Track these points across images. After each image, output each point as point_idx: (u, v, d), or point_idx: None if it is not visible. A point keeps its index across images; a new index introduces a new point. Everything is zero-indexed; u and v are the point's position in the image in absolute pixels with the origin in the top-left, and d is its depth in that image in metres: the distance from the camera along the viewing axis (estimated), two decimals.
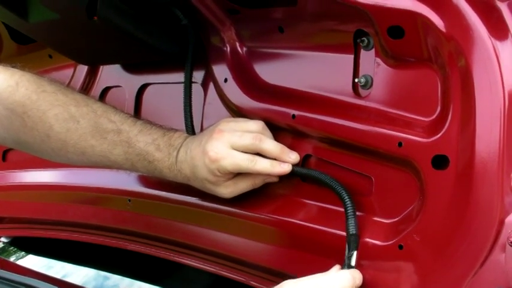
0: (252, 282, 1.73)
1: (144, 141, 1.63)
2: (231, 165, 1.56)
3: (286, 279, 1.60)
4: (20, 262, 3.12)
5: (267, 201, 1.65)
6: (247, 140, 1.56)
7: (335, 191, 1.49)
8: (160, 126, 1.67)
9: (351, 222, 1.44)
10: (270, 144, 1.57)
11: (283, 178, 1.60)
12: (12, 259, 3.50)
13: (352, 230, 1.44)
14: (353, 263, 1.44)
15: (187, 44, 1.78)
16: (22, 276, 2.30)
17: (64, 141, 1.63)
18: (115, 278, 2.93)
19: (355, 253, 1.44)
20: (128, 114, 1.68)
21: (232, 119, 1.67)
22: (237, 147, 1.56)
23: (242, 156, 1.56)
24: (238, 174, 1.60)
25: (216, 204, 1.72)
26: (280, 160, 1.56)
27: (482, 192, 1.24)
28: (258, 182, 1.61)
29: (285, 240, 1.62)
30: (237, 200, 1.65)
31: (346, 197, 1.46)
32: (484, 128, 1.24)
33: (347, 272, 1.40)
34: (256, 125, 1.60)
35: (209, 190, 1.63)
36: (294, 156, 1.56)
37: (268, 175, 1.59)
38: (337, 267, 1.44)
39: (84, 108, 1.63)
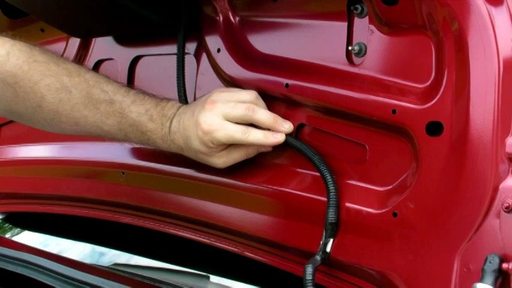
0: (246, 253, 1.72)
1: (137, 111, 1.62)
2: (224, 136, 1.55)
3: (281, 249, 1.61)
4: (16, 239, 3.12)
5: (260, 171, 1.65)
6: (240, 111, 1.55)
7: (322, 175, 1.49)
8: (154, 96, 1.66)
9: (332, 210, 1.46)
10: (263, 115, 1.56)
11: (277, 148, 1.59)
12: (7, 236, 3.50)
13: (332, 218, 1.46)
14: (328, 249, 1.46)
15: (180, 15, 1.77)
16: (18, 252, 2.29)
17: (56, 111, 1.61)
18: (111, 254, 2.93)
19: (331, 240, 1.46)
20: (121, 84, 1.66)
21: (225, 89, 1.66)
22: (230, 118, 1.55)
23: (235, 128, 1.55)
24: (231, 145, 1.59)
25: (211, 175, 1.72)
26: (274, 130, 1.56)
27: (476, 159, 1.24)
28: (251, 152, 1.61)
29: (279, 210, 1.62)
30: (231, 171, 1.65)
31: (331, 185, 1.47)
32: (479, 94, 1.23)
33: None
34: (249, 95, 1.59)
35: (202, 160, 1.63)
36: (287, 126, 1.56)
37: (262, 145, 1.58)
38: None
39: (76, 78, 1.62)
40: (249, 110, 1.56)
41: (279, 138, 1.55)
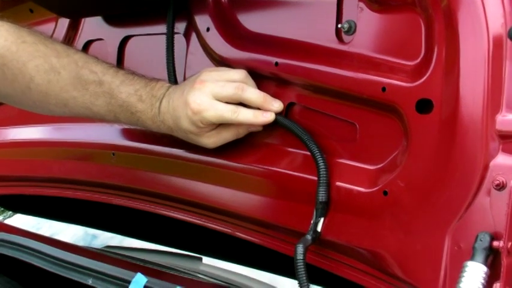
0: (237, 233, 1.72)
1: (126, 92, 1.61)
2: (214, 116, 1.54)
3: (272, 229, 1.61)
4: (8, 221, 3.12)
5: (251, 151, 1.64)
6: (229, 90, 1.55)
7: (312, 154, 1.48)
8: (143, 76, 1.65)
9: (322, 189, 1.46)
10: (253, 94, 1.55)
11: (267, 127, 1.58)
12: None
13: (322, 197, 1.46)
14: (319, 228, 1.46)
15: None
16: (11, 235, 2.29)
17: (45, 93, 1.60)
18: (103, 237, 2.94)
19: (322, 219, 1.46)
20: (110, 64, 1.65)
21: (215, 68, 1.65)
22: (220, 98, 1.54)
23: (225, 107, 1.54)
24: (221, 124, 1.58)
25: (201, 155, 1.71)
26: (263, 109, 1.55)
27: (466, 137, 1.23)
28: (241, 132, 1.60)
29: (270, 189, 1.61)
30: (222, 151, 1.64)
31: (321, 163, 1.46)
32: (468, 71, 1.23)
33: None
34: (239, 74, 1.58)
35: (192, 141, 1.62)
36: (277, 105, 1.55)
37: (252, 125, 1.57)
38: None
39: (65, 59, 1.60)
40: (238, 89, 1.55)
41: (269, 117, 1.55)
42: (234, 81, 1.56)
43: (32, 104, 1.64)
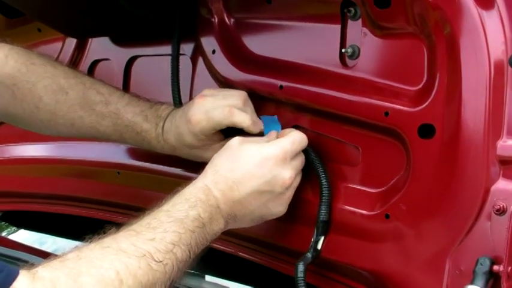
0: (240, 253, 1.73)
1: (132, 112, 1.63)
2: (209, 124, 1.56)
3: (274, 249, 1.61)
4: (12, 237, 3.13)
5: None
6: (230, 100, 1.57)
7: (316, 171, 1.50)
8: (148, 100, 1.68)
9: (324, 208, 1.47)
10: (251, 108, 1.59)
11: None
12: (4, 234, 3.50)
13: (324, 216, 1.47)
14: (319, 247, 1.47)
15: (176, 16, 1.77)
16: (14, 251, 2.30)
17: (53, 112, 1.63)
18: None
19: (322, 238, 1.47)
20: (116, 88, 1.69)
21: (216, 88, 1.69)
22: (218, 108, 1.56)
23: (217, 111, 1.55)
24: (225, 138, 1.59)
25: None
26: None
27: (468, 161, 1.24)
28: None
29: None
30: None
31: (325, 182, 1.48)
32: (470, 97, 1.24)
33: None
34: (239, 92, 1.60)
35: (196, 157, 1.64)
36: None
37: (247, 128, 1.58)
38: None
39: (72, 80, 1.64)
40: (240, 100, 1.57)
41: (260, 126, 1.57)
42: (232, 95, 1.59)
43: (39, 124, 1.67)
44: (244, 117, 1.55)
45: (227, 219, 1.43)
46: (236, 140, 1.47)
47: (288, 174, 1.45)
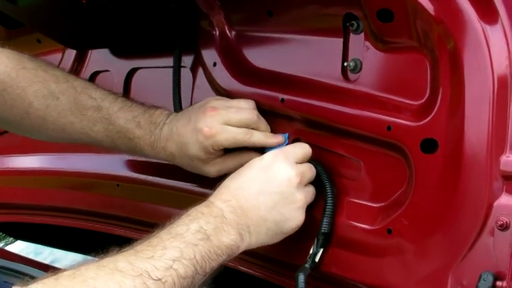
0: (240, 267, 1.72)
1: (125, 118, 1.62)
2: (227, 139, 1.55)
3: (274, 263, 1.61)
4: (9, 248, 3.12)
5: None
6: (244, 115, 1.57)
7: (322, 183, 1.49)
8: (142, 104, 1.66)
9: (326, 221, 1.46)
10: (264, 121, 1.59)
11: None
12: (1, 245, 3.50)
13: (325, 229, 1.46)
14: (317, 259, 1.46)
15: (177, 28, 1.77)
16: (11, 262, 2.29)
17: (43, 118, 1.62)
18: None
19: (321, 250, 1.46)
20: (109, 91, 1.67)
21: (221, 97, 1.67)
22: (233, 123, 1.56)
23: (237, 130, 1.56)
24: (227, 153, 1.60)
25: (206, 189, 1.71)
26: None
27: (471, 176, 1.24)
28: (245, 162, 1.59)
29: None
30: None
31: (330, 194, 1.47)
32: (473, 111, 1.24)
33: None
34: (248, 103, 1.60)
35: (195, 168, 1.63)
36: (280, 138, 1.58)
37: (256, 156, 1.58)
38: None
39: (64, 84, 1.63)
40: (253, 114, 1.57)
41: (280, 138, 1.57)
42: (243, 110, 1.59)
43: (30, 129, 1.66)
44: (260, 137, 1.57)
45: (240, 231, 1.39)
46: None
47: (293, 171, 1.43)
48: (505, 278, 1.17)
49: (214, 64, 1.71)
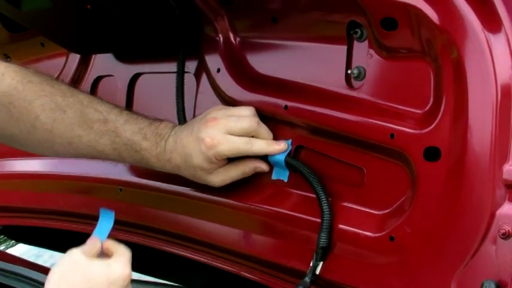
0: (242, 273, 1.73)
1: (131, 130, 1.63)
2: (229, 149, 1.56)
3: (276, 269, 1.61)
4: (10, 251, 3.12)
5: (258, 192, 1.66)
6: (245, 123, 1.57)
7: (318, 197, 1.50)
8: (146, 117, 1.67)
9: (324, 235, 1.47)
10: (265, 128, 1.60)
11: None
12: (2, 248, 3.50)
13: (323, 243, 1.47)
14: (318, 271, 1.47)
15: (181, 34, 1.78)
16: (11, 265, 2.29)
17: (50, 131, 1.62)
18: None
19: (321, 263, 1.47)
20: (113, 105, 1.67)
21: (223, 106, 1.67)
22: (234, 132, 1.57)
23: (239, 139, 1.57)
24: (229, 162, 1.60)
25: (207, 194, 1.72)
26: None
27: (473, 185, 1.25)
28: (248, 171, 1.62)
29: (275, 230, 1.63)
30: (229, 190, 1.65)
31: (326, 208, 1.48)
32: (476, 120, 1.25)
33: None
34: (248, 110, 1.61)
35: (199, 179, 1.63)
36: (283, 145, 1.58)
37: (259, 164, 1.61)
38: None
39: (70, 98, 1.63)
40: (254, 122, 1.58)
41: (283, 146, 1.57)
42: (244, 117, 1.59)
43: (36, 143, 1.65)
44: (262, 146, 1.58)
45: None
46: (80, 255, 1.43)
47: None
48: (507, 287, 1.18)
49: (218, 70, 1.72)
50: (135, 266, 2.47)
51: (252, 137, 1.58)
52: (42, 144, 1.66)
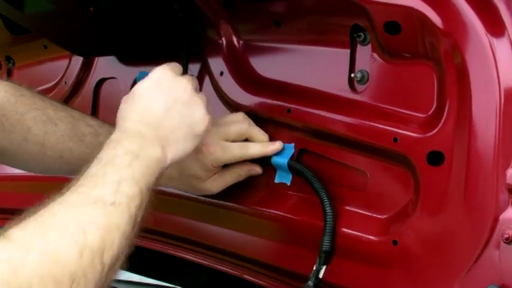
0: (245, 276, 1.73)
1: None
2: (225, 156, 1.58)
3: (279, 272, 1.61)
4: None
5: (259, 195, 1.66)
6: (237, 127, 1.59)
7: (321, 201, 1.50)
8: None
9: (327, 239, 1.47)
10: (258, 129, 1.61)
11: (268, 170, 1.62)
12: None
13: (326, 247, 1.47)
14: (321, 275, 1.47)
15: (184, 37, 1.78)
16: None
17: (42, 144, 1.62)
18: None
19: (324, 267, 1.47)
20: (104, 121, 1.68)
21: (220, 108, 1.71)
22: (228, 138, 1.59)
23: (234, 145, 1.59)
24: (223, 168, 1.62)
25: (211, 197, 1.72)
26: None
27: (477, 189, 1.24)
28: (242, 174, 1.63)
29: (278, 233, 1.63)
30: (232, 193, 1.66)
31: (329, 211, 1.48)
32: (480, 124, 1.24)
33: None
34: (238, 115, 1.63)
35: (195, 188, 1.65)
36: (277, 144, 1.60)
37: (253, 167, 1.62)
38: None
39: (62, 112, 1.64)
40: (245, 124, 1.60)
41: (277, 145, 1.58)
42: (235, 122, 1.61)
43: (27, 156, 1.64)
44: (257, 148, 1.59)
45: (161, 143, 1.38)
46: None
47: (183, 79, 1.47)
48: None
49: (221, 73, 1.72)
50: (137, 269, 2.48)
51: (247, 140, 1.60)
52: (33, 157, 1.65)
